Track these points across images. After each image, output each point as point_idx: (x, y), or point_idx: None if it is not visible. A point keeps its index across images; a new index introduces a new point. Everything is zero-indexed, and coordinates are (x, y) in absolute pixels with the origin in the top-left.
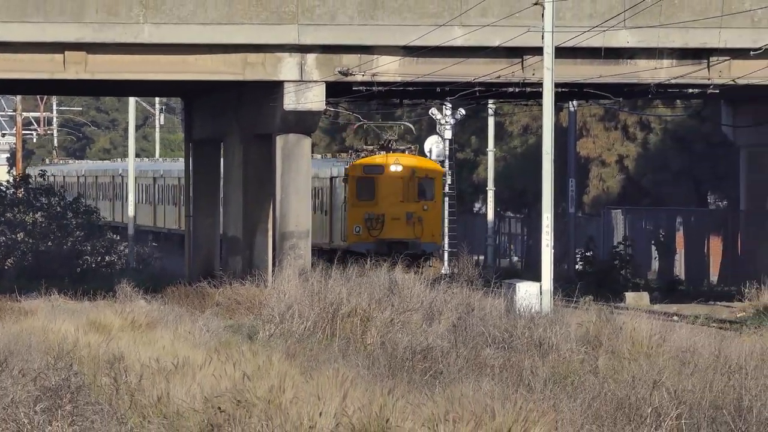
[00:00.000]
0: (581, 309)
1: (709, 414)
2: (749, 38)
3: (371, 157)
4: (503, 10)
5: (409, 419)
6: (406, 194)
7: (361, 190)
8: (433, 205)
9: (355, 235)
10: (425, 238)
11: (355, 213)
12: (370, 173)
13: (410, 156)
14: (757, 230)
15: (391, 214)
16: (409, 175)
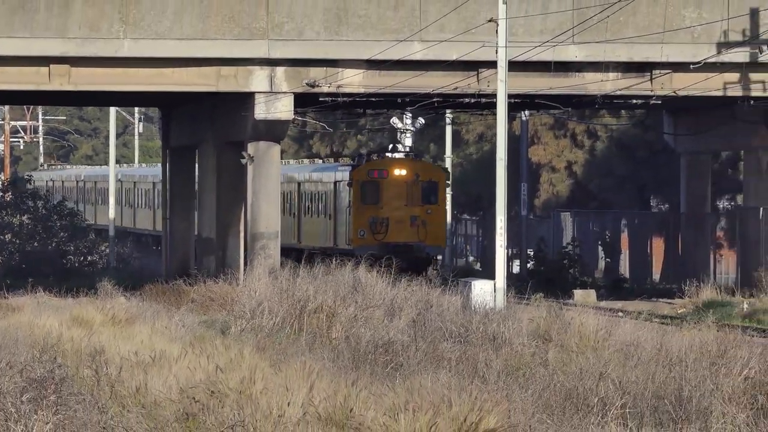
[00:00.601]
0: (532, 305)
1: (652, 404)
2: (689, 53)
3: (376, 161)
4: (460, 27)
5: (371, 409)
6: (410, 198)
7: (365, 194)
8: (437, 209)
9: (360, 239)
10: (429, 241)
11: (359, 217)
12: (374, 177)
13: (415, 160)
14: (695, 232)
15: (396, 218)
16: (413, 179)
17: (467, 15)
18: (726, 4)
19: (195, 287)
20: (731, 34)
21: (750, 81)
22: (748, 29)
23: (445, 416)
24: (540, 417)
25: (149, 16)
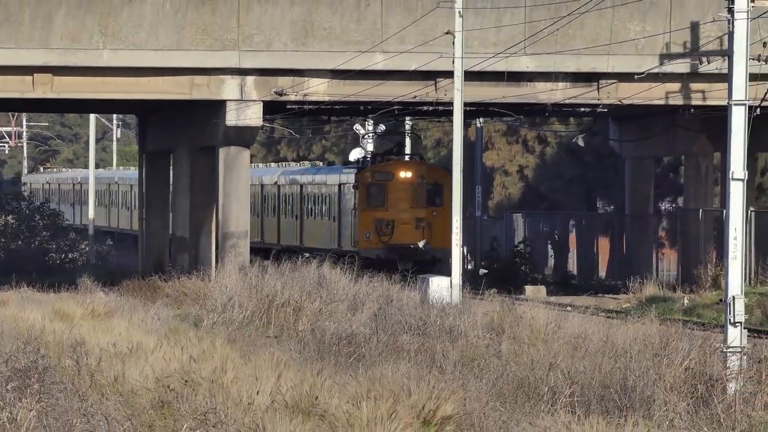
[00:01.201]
0: (486, 300)
1: (599, 392)
2: (634, 64)
3: (381, 164)
4: (419, 39)
5: (335, 397)
6: (415, 200)
7: (371, 196)
8: (442, 211)
9: (366, 241)
10: (435, 244)
11: (365, 219)
12: (380, 180)
13: (420, 163)
14: (639, 232)
15: (401, 220)
16: (418, 182)
17: (426, 28)
18: (668, 18)
19: (169, 283)
20: (673, 46)
21: (690, 91)
22: (689, 42)
23: (404, 404)
24: (494, 405)
25: (127, 28)
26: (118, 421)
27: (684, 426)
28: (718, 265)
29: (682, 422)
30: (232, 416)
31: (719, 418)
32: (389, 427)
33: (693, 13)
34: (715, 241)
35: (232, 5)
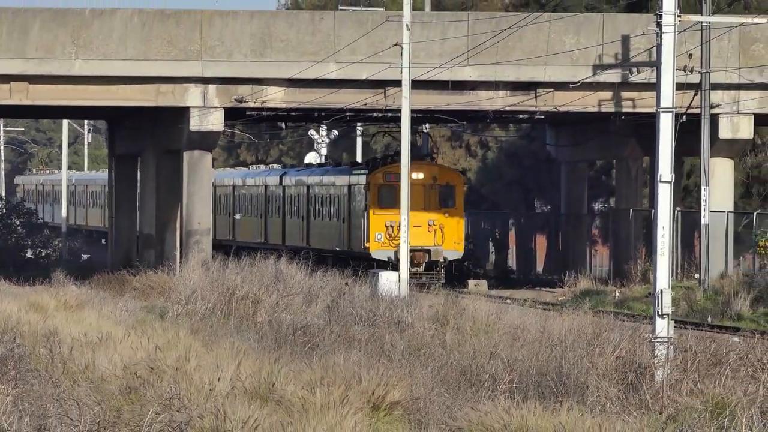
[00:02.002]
0: (432, 294)
1: (536, 379)
2: (569, 73)
3: (393, 165)
4: (369, 50)
5: (291, 383)
6: (427, 202)
7: (382, 197)
8: (455, 213)
9: (377, 243)
10: (447, 246)
11: (376, 220)
12: (391, 181)
13: (432, 164)
14: (574, 230)
15: (413, 222)
16: (431, 183)
17: (376, 40)
18: (601, 31)
19: (137, 277)
20: (605, 58)
21: (622, 99)
22: (620, 53)
23: (355, 390)
24: (438, 391)
25: (97, 40)
26: (89, 406)
27: (615, 411)
28: (647, 261)
29: (613, 407)
30: (194, 401)
31: (648, 404)
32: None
33: (624, 27)
34: (644, 238)
35: (196, 19)
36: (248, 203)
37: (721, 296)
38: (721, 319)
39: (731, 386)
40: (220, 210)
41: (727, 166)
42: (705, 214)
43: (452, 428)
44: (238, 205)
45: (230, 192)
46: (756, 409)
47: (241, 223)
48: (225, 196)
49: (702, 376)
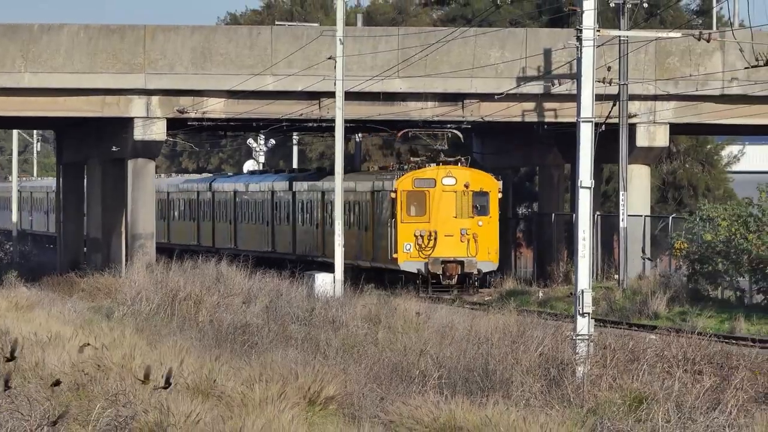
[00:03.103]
0: (365, 294)
1: (463, 375)
2: (494, 85)
3: (422, 169)
4: (304, 63)
5: (231, 380)
6: (459, 209)
7: (411, 205)
8: (489, 221)
9: (406, 254)
10: (481, 257)
11: (405, 230)
12: (420, 187)
13: (463, 168)
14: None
15: (444, 231)
16: (463, 189)
17: (310, 53)
18: (524, 45)
19: (84, 279)
20: (528, 70)
21: (544, 109)
22: (543, 66)
23: (292, 386)
24: (371, 386)
25: (46, 54)
26: (39, 402)
27: (538, 405)
28: (569, 263)
29: (537, 401)
30: (139, 397)
31: (569, 398)
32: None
33: (546, 41)
34: (566, 241)
35: (139, 34)
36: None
37: (639, 296)
38: (639, 318)
39: (648, 381)
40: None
41: (644, 172)
42: (623, 218)
43: (384, 422)
44: (240, 212)
45: (232, 198)
46: (672, 403)
47: (243, 229)
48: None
49: (621, 372)
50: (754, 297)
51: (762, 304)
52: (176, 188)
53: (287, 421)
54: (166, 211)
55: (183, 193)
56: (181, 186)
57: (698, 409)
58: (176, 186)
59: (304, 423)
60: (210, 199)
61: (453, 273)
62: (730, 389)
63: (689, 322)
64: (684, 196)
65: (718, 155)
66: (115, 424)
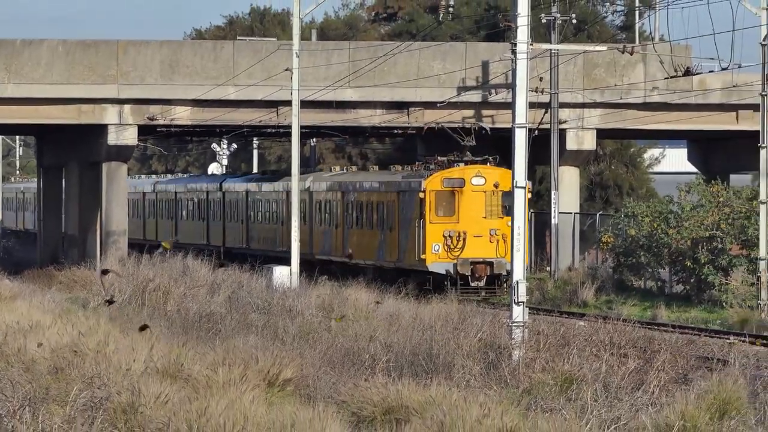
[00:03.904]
0: (320, 286)
1: (409, 359)
2: (437, 94)
3: (450, 169)
4: (264, 74)
5: (197, 364)
6: (489, 209)
7: (439, 205)
8: None
9: (434, 255)
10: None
11: (433, 230)
12: (449, 187)
13: (493, 167)
14: None
15: (473, 232)
16: (492, 189)
17: (269, 65)
18: (464, 58)
19: (63, 272)
20: (468, 81)
21: (482, 116)
22: (481, 77)
23: (253, 369)
24: (325, 369)
25: (27, 67)
26: (21, 384)
27: (478, 386)
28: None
29: (477, 382)
30: (113, 380)
31: (506, 379)
32: (241, 388)
33: (484, 54)
34: None
35: (112, 48)
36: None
37: (569, 286)
38: (569, 306)
39: (578, 364)
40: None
41: (573, 173)
42: (555, 215)
43: (337, 402)
44: (251, 211)
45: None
46: (599, 384)
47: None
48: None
49: (553, 356)
50: (674, 287)
51: (681, 293)
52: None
53: (248, 401)
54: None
55: (192, 193)
56: (327, 183)
57: (623, 389)
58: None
59: (264, 403)
60: (220, 198)
61: (482, 274)
62: (653, 371)
63: (615, 310)
64: (610, 195)
65: (640, 157)
66: (90, 405)
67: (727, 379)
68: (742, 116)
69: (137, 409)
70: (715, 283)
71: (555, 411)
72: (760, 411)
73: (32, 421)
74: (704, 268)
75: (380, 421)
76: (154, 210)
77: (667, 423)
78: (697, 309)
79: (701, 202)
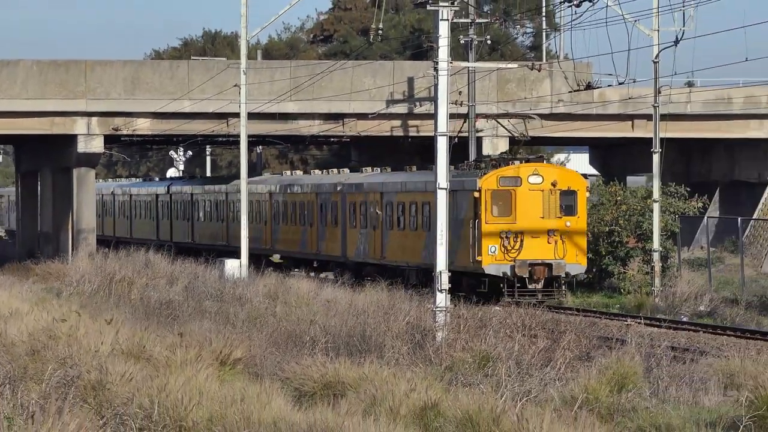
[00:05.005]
0: (266, 276)
1: (345, 340)
2: (368, 107)
3: (507, 167)
4: (215, 90)
5: (158, 346)
6: (547, 209)
7: (495, 204)
8: (577, 221)
9: (491, 256)
10: (569, 259)
11: (489, 231)
12: (506, 186)
13: (550, 166)
14: None
15: (531, 232)
16: (550, 188)
17: (220, 82)
18: (392, 75)
19: (39, 265)
20: (395, 95)
21: (409, 126)
22: (407, 91)
23: (207, 350)
24: (271, 350)
25: (5, 84)
26: (2, 365)
27: (406, 363)
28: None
29: (405, 361)
30: (83, 360)
31: (431, 358)
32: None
33: (409, 71)
34: None
35: (81, 67)
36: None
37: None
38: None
39: (493, 344)
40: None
41: None
42: None
43: (282, 378)
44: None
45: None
46: (512, 361)
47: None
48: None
49: (471, 337)
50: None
51: (584, 281)
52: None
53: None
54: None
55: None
56: (354, 182)
57: (534, 365)
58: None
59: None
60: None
61: (540, 276)
62: (559, 350)
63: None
64: None
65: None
66: (64, 383)
67: (625, 357)
68: (637, 125)
69: (105, 386)
70: (615, 272)
71: (473, 385)
72: (654, 384)
73: (12, 397)
74: (605, 258)
75: (320, 395)
76: (112, 210)
77: (572, 395)
78: (599, 295)
79: (601, 200)
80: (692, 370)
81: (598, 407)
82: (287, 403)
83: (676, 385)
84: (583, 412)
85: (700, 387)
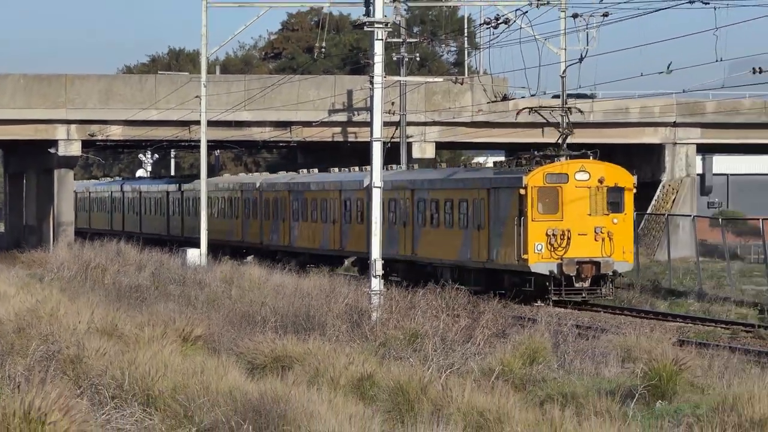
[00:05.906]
0: (223, 264)
1: (292, 320)
2: (313, 115)
3: (553, 164)
4: (179, 100)
5: (128, 325)
6: (594, 206)
7: (542, 201)
8: (624, 219)
9: (537, 254)
10: (617, 257)
11: (536, 228)
12: (552, 182)
13: (598, 162)
14: None
15: (578, 230)
16: (597, 185)
17: (183, 93)
18: (334, 87)
19: (24, 254)
20: (336, 105)
21: (348, 132)
22: (346, 102)
23: (171, 328)
24: (227, 328)
25: None
26: None
27: (345, 340)
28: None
29: (344, 337)
30: (63, 337)
31: (367, 335)
32: (162, 343)
33: (348, 84)
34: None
35: (61, 81)
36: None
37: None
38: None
39: (421, 323)
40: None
41: None
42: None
43: (237, 353)
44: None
45: None
46: (438, 338)
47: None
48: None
49: (402, 316)
50: None
51: None
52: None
53: (168, 353)
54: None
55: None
56: (391, 181)
57: (457, 341)
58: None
59: (180, 354)
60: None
61: (588, 274)
62: (479, 328)
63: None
64: None
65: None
66: (46, 357)
67: (536, 334)
68: (546, 132)
69: (82, 359)
70: None
71: (404, 359)
72: (561, 358)
73: (0, 369)
74: None
75: (270, 368)
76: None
77: (490, 368)
78: None
79: None
80: (594, 345)
81: (512, 378)
82: (241, 374)
83: (580, 358)
84: (500, 382)
85: (601, 360)
